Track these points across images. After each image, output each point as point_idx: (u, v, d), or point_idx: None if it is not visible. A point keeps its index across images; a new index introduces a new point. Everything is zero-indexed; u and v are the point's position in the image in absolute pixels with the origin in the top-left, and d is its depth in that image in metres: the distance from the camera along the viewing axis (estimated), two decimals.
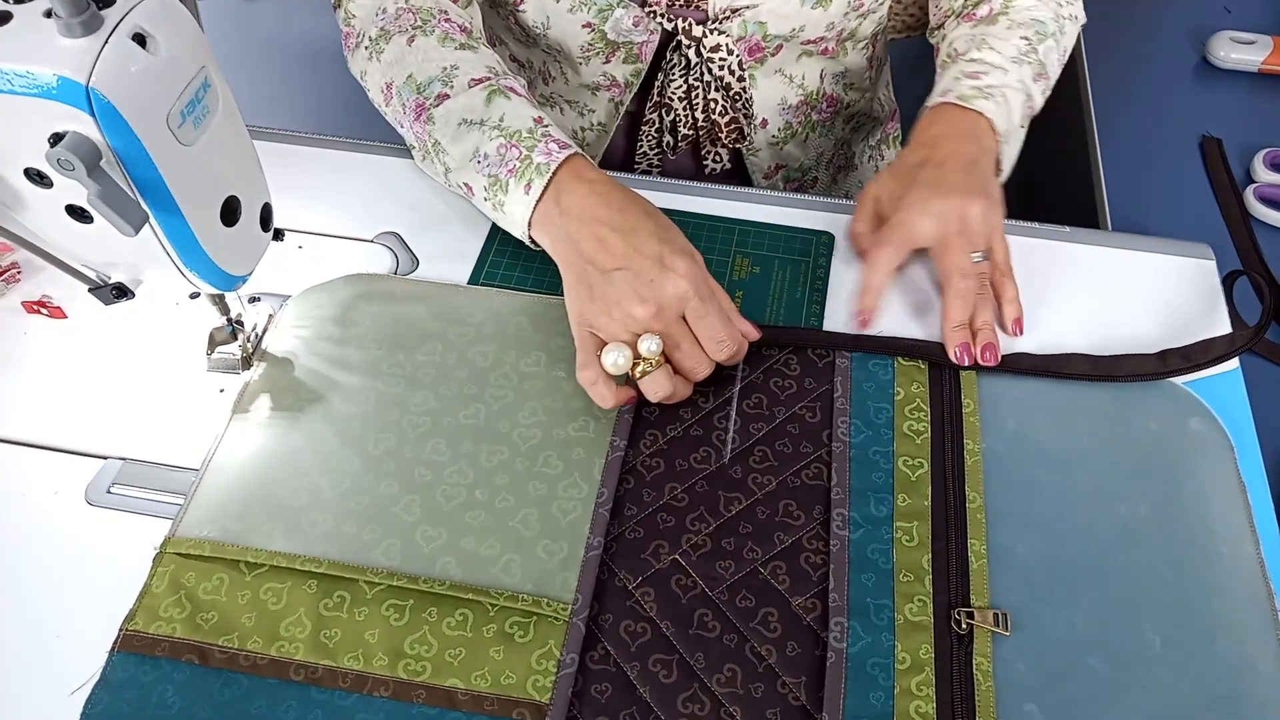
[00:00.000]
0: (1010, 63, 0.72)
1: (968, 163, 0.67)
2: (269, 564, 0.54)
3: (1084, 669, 0.52)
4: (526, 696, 0.50)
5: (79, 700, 0.50)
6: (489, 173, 0.65)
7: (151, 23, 0.46)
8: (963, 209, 0.64)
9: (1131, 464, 0.60)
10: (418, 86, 0.68)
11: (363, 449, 0.59)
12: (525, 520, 0.57)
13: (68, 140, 0.45)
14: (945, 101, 0.70)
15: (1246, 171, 0.85)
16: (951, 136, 0.68)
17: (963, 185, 0.65)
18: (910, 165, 0.68)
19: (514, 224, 0.65)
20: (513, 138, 0.64)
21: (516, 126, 0.65)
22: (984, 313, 0.65)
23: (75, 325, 0.66)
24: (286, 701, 0.50)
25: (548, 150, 0.63)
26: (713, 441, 0.60)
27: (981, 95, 0.69)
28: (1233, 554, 0.56)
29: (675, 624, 0.53)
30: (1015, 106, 0.71)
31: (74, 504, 0.58)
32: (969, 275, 0.64)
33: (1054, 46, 0.75)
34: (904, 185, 0.67)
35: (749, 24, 0.77)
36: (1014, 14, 0.75)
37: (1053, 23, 0.75)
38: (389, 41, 0.71)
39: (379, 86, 0.72)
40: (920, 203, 0.65)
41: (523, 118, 0.65)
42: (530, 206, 0.63)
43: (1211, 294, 0.69)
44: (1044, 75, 0.74)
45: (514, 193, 0.64)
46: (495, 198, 0.65)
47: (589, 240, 0.61)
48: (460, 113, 0.66)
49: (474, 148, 0.65)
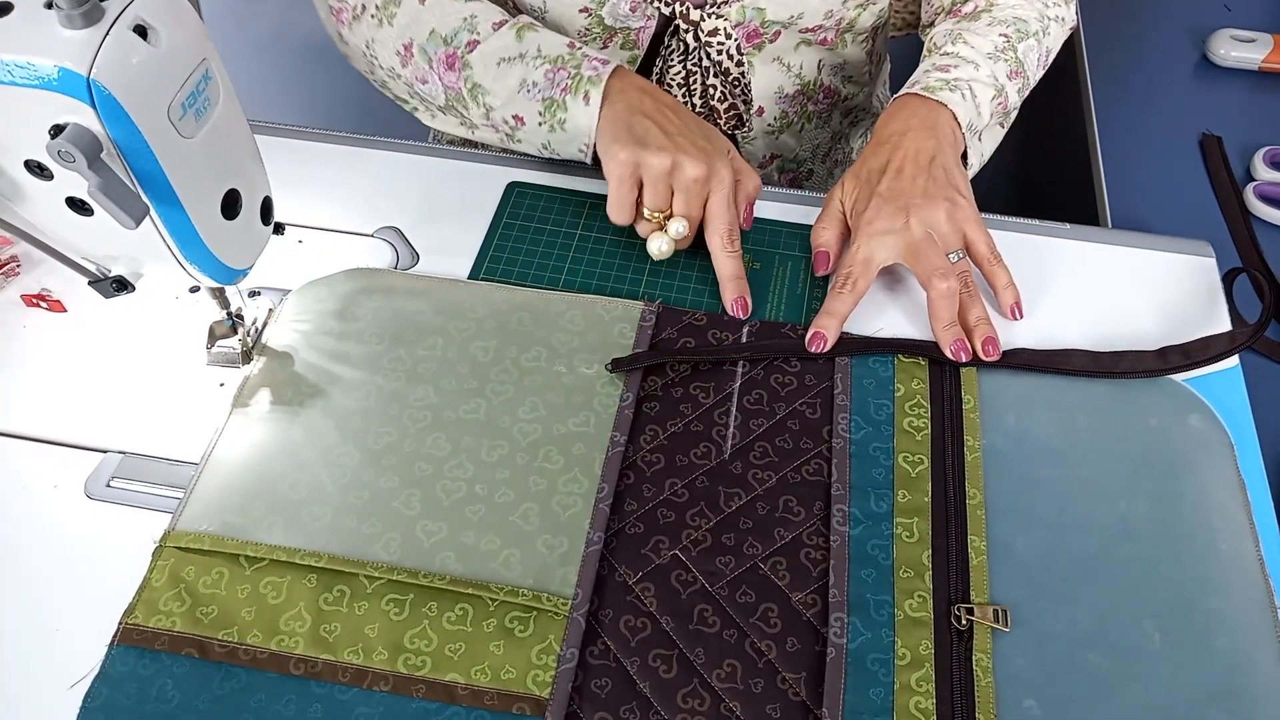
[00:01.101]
0: (984, 58, 0.72)
1: (927, 161, 0.67)
2: (269, 558, 0.54)
3: (1084, 664, 0.52)
4: (526, 691, 0.50)
5: (78, 693, 0.50)
6: (543, 96, 0.68)
7: (153, 14, 0.46)
8: (926, 217, 0.65)
9: (1131, 461, 0.60)
10: (444, 39, 0.71)
11: (363, 443, 0.59)
12: (525, 515, 0.57)
13: (68, 132, 0.44)
14: (910, 92, 0.71)
15: (1246, 169, 0.85)
16: (911, 131, 0.68)
17: (922, 191, 0.66)
18: (871, 170, 0.68)
19: (576, 136, 0.68)
20: (555, 62, 0.68)
21: (556, 52, 0.69)
22: (975, 308, 0.65)
23: (75, 319, 0.66)
24: (286, 695, 0.50)
25: (594, 65, 0.68)
26: (713, 437, 0.60)
27: (947, 87, 0.70)
28: (1232, 551, 0.56)
29: (675, 619, 0.53)
30: (984, 101, 0.71)
31: (74, 498, 0.57)
32: (948, 274, 0.64)
33: (1034, 46, 0.75)
34: (865, 195, 0.68)
35: (747, 9, 0.77)
36: (997, 11, 0.75)
37: (1036, 22, 0.75)
38: (399, 5, 0.72)
39: (394, 50, 0.73)
40: (878, 223, 0.65)
41: (557, 44, 0.70)
42: (595, 115, 0.67)
43: (1212, 291, 0.69)
44: (1021, 74, 0.74)
45: (573, 108, 0.67)
46: (554, 117, 0.68)
47: (650, 105, 0.67)
48: (496, 53, 0.69)
49: (520, 79, 0.69)
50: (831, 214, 0.70)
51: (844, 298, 0.65)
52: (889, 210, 0.65)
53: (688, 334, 0.65)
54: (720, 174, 0.66)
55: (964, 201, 0.66)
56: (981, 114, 0.71)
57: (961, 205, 0.66)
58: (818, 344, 0.64)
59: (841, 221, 0.70)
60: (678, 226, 0.67)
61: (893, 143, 0.68)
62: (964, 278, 0.65)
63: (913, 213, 0.65)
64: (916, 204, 0.65)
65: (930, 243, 0.64)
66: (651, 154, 0.65)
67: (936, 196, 0.65)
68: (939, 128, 0.68)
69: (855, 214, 0.68)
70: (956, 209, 0.66)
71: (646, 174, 0.66)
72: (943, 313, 0.64)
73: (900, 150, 0.68)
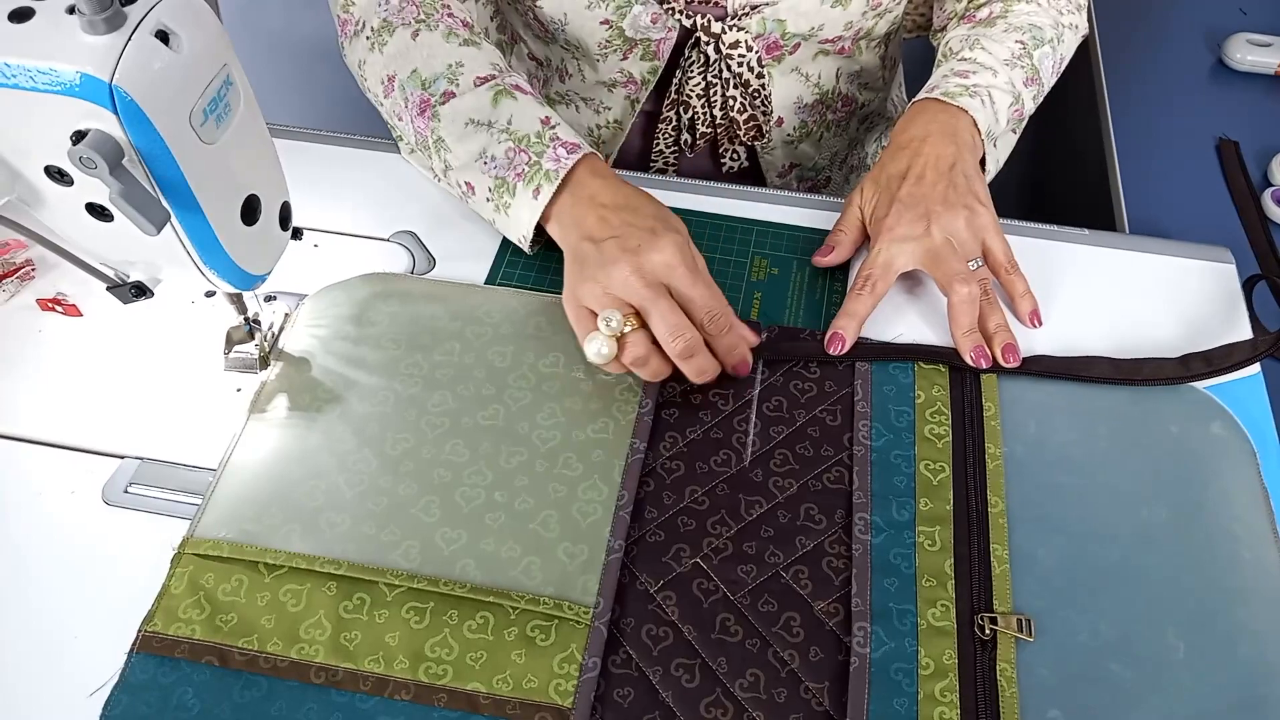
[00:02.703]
0: (1001, 64, 0.72)
1: (948, 168, 0.67)
2: (288, 565, 0.54)
3: (1107, 674, 0.52)
4: (549, 700, 0.50)
5: (98, 701, 0.50)
6: (496, 174, 0.65)
7: (174, 20, 0.46)
8: (946, 224, 0.65)
9: (1153, 468, 0.59)
10: (423, 82, 0.68)
11: (381, 449, 0.59)
12: (545, 522, 0.56)
13: (90, 138, 0.44)
14: (930, 97, 0.70)
15: (1264, 174, 0.84)
16: (932, 137, 0.68)
17: (943, 197, 0.65)
18: (891, 175, 0.68)
19: (517, 224, 0.65)
20: (521, 142, 0.65)
21: (525, 130, 0.65)
22: (994, 315, 0.65)
23: (90, 323, 0.66)
24: (307, 704, 0.50)
25: (556, 156, 0.64)
26: (733, 444, 0.60)
27: (967, 93, 0.69)
28: (1255, 559, 0.56)
29: (697, 628, 0.53)
30: (1002, 108, 0.71)
31: (91, 504, 0.57)
32: (969, 280, 0.63)
33: (1049, 53, 0.75)
34: (885, 201, 0.67)
35: (768, 21, 0.77)
36: (1012, 18, 0.75)
37: (1051, 30, 0.75)
38: (392, 34, 0.71)
39: (379, 78, 0.71)
40: (899, 229, 0.65)
41: (530, 119, 0.66)
42: (538, 211, 0.64)
43: (1231, 298, 0.69)
44: (1036, 80, 0.74)
45: (521, 196, 0.64)
46: (500, 199, 0.65)
47: (592, 220, 0.62)
48: (467, 112, 0.67)
49: (480, 149, 0.66)
50: (850, 220, 0.70)
51: (864, 299, 0.65)
52: (910, 216, 0.65)
53: None
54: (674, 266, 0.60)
55: (984, 210, 0.66)
56: (999, 121, 0.71)
57: (981, 213, 0.66)
58: (836, 345, 0.63)
59: (860, 228, 0.69)
60: (600, 348, 0.59)
61: (913, 148, 0.68)
62: (983, 285, 0.65)
63: (933, 219, 0.65)
64: (937, 210, 0.65)
65: (950, 249, 0.64)
66: (588, 288, 0.60)
67: (957, 204, 0.65)
68: (959, 134, 0.68)
69: (875, 219, 0.67)
70: (976, 216, 0.65)
71: (589, 303, 0.61)
72: (963, 318, 0.63)
73: (921, 156, 0.67)
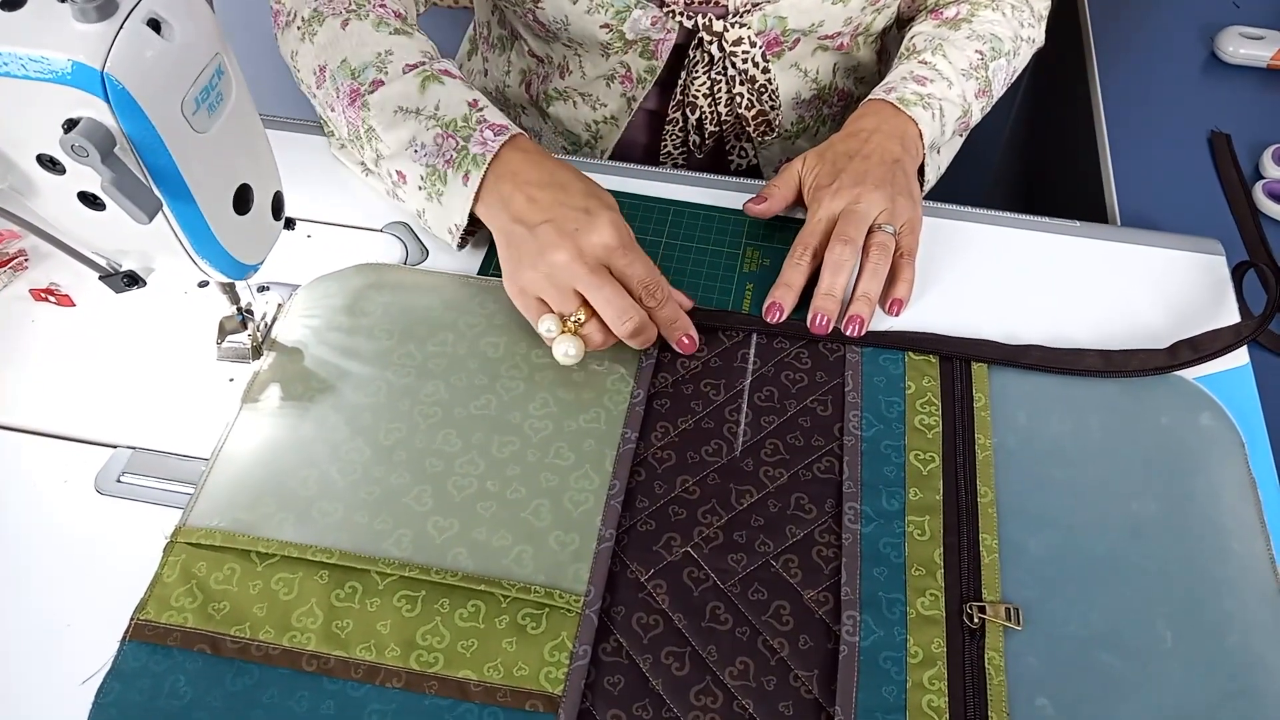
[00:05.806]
0: (958, 75, 0.74)
1: (892, 162, 0.69)
2: (280, 554, 0.54)
3: (1096, 664, 0.52)
4: (539, 688, 0.50)
5: (90, 689, 0.50)
6: (426, 162, 0.65)
7: (166, 8, 0.46)
8: (875, 199, 0.66)
9: (1142, 459, 0.60)
10: (352, 71, 0.68)
11: (373, 439, 0.59)
12: (537, 511, 0.56)
13: (82, 126, 0.44)
14: (885, 99, 0.72)
15: (1255, 167, 0.85)
16: (881, 132, 0.70)
17: (887, 180, 0.67)
18: (839, 153, 0.70)
19: (450, 213, 0.65)
20: (449, 127, 0.65)
21: (452, 115, 0.65)
22: (869, 284, 0.65)
23: (83, 313, 0.66)
24: (299, 692, 0.50)
25: (483, 139, 0.64)
26: (724, 434, 0.60)
27: (921, 103, 0.71)
28: (1244, 550, 0.56)
29: (687, 616, 0.53)
30: (950, 120, 0.73)
31: (84, 493, 0.57)
32: (850, 243, 0.64)
33: (1004, 66, 0.77)
34: (830, 173, 0.68)
35: (769, 18, 0.77)
36: (977, 24, 0.77)
37: (1010, 42, 0.78)
38: (322, 24, 0.70)
39: (311, 69, 0.71)
40: (839, 197, 0.67)
41: (457, 103, 0.66)
42: (470, 197, 0.64)
43: (1221, 289, 0.69)
44: (987, 92, 0.76)
45: (452, 183, 0.64)
46: (433, 187, 0.65)
47: (520, 200, 0.63)
48: (396, 100, 0.66)
49: (410, 137, 0.66)
50: (787, 179, 0.71)
51: (800, 269, 0.66)
52: (848, 183, 0.67)
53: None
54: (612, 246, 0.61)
55: (913, 204, 0.68)
56: (945, 132, 0.73)
57: (909, 206, 0.67)
58: (774, 314, 0.65)
59: (795, 189, 0.71)
60: (568, 349, 0.60)
61: (862, 137, 0.70)
62: (881, 251, 0.65)
63: (864, 193, 0.66)
64: (870, 186, 0.66)
65: (861, 216, 0.65)
66: (530, 276, 0.61)
67: (901, 191, 0.67)
68: (905, 139, 0.70)
69: (817, 187, 0.69)
70: (911, 207, 0.67)
71: (534, 291, 0.62)
72: (827, 277, 0.64)
73: (869, 144, 0.69)
